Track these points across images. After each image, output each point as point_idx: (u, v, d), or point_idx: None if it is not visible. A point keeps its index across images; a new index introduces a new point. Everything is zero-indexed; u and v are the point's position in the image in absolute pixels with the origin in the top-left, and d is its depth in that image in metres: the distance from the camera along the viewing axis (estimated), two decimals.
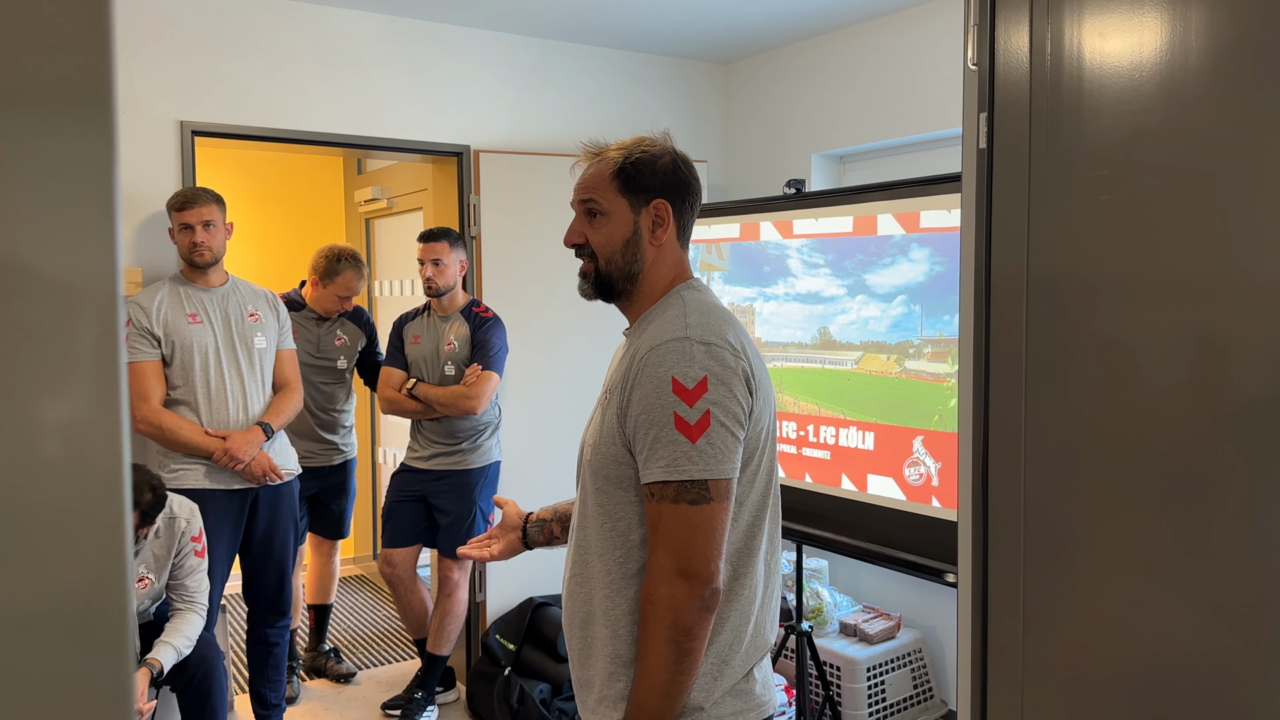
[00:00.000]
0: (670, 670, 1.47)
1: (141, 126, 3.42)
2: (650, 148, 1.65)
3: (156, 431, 3.17)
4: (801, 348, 3.23)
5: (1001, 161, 1.08)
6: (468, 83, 4.04)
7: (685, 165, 1.66)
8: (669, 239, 1.64)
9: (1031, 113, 1.05)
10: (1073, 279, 1.04)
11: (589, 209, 1.64)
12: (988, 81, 1.08)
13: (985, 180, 1.09)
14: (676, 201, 1.63)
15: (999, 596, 1.08)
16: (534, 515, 1.90)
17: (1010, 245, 1.07)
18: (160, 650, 2.85)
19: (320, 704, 3.99)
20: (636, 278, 1.63)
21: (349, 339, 4.05)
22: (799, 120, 4.31)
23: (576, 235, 1.66)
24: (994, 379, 1.09)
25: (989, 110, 1.08)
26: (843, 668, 3.63)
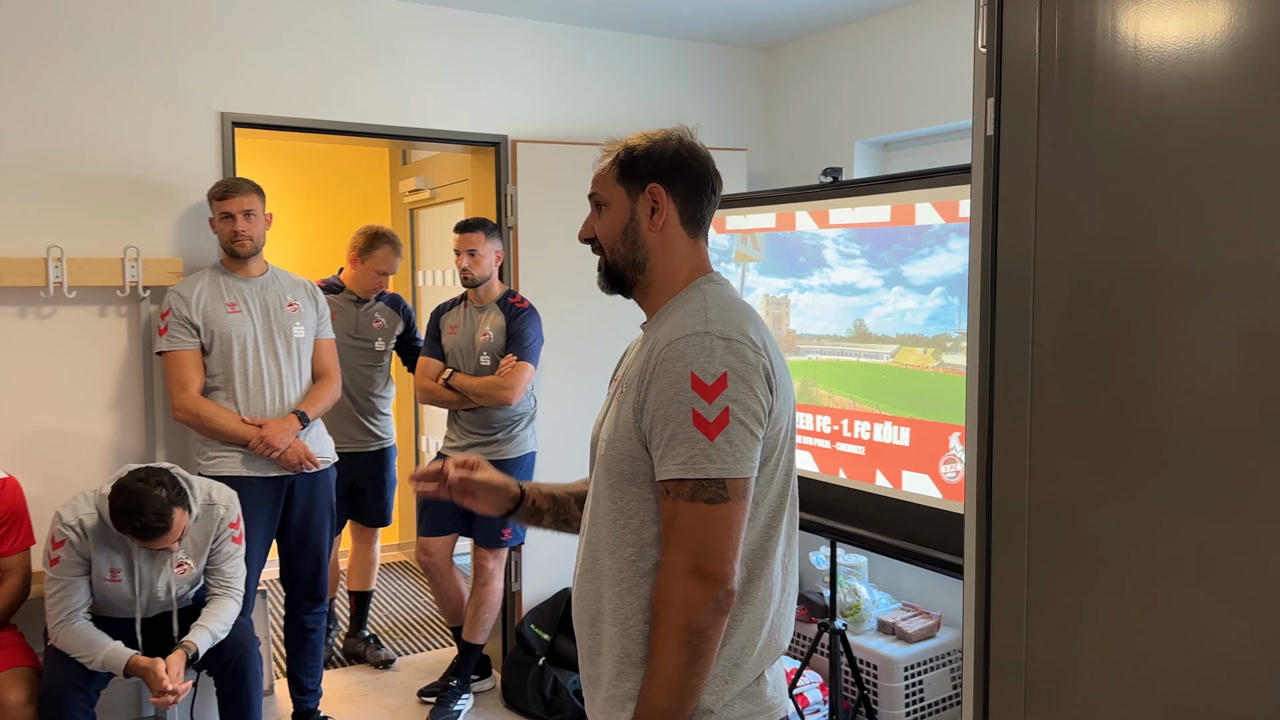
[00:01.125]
0: (682, 672, 1.43)
1: (182, 118, 3.46)
2: (655, 136, 1.62)
3: (194, 420, 3.22)
4: (836, 340, 3.17)
5: (1009, 148, 1.03)
6: (506, 72, 4.03)
7: (689, 151, 1.62)
8: (672, 227, 1.60)
9: (1040, 98, 1.00)
10: (1083, 270, 0.99)
11: (595, 202, 1.64)
12: (995, 65, 1.03)
13: (993, 168, 1.05)
14: (674, 186, 1.59)
15: (1001, 598, 1.04)
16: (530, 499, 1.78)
17: (1017, 235, 1.02)
18: (196, 634, 2.90)
19: (358, 689, 4.03)
20: (643, 266, 1.61)
21: (386, 322, 4.10)
22: (842, 107, 4.23)
23: (587, 229, 1.66)
24: (999, 375, 1.04)
25: (996, 95, 1.03)
26: (880, 666, 3.57)
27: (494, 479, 1.73)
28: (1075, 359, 1.01)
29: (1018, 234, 1.02)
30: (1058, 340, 1.02)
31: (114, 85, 3.35)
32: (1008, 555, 1.05)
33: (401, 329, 4.17)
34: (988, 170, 1.05)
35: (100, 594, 2.89)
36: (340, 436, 3.88)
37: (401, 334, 4.17)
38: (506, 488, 1.74)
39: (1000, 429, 1.05)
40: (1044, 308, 1.02)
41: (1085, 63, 0.97)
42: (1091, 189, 0.98)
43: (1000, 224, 1.03)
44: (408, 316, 4.21)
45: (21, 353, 3.26)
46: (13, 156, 3.22)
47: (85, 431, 3.37)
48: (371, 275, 4.02)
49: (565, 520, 1.81)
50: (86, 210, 3.33)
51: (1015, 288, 1.03)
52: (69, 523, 2.81)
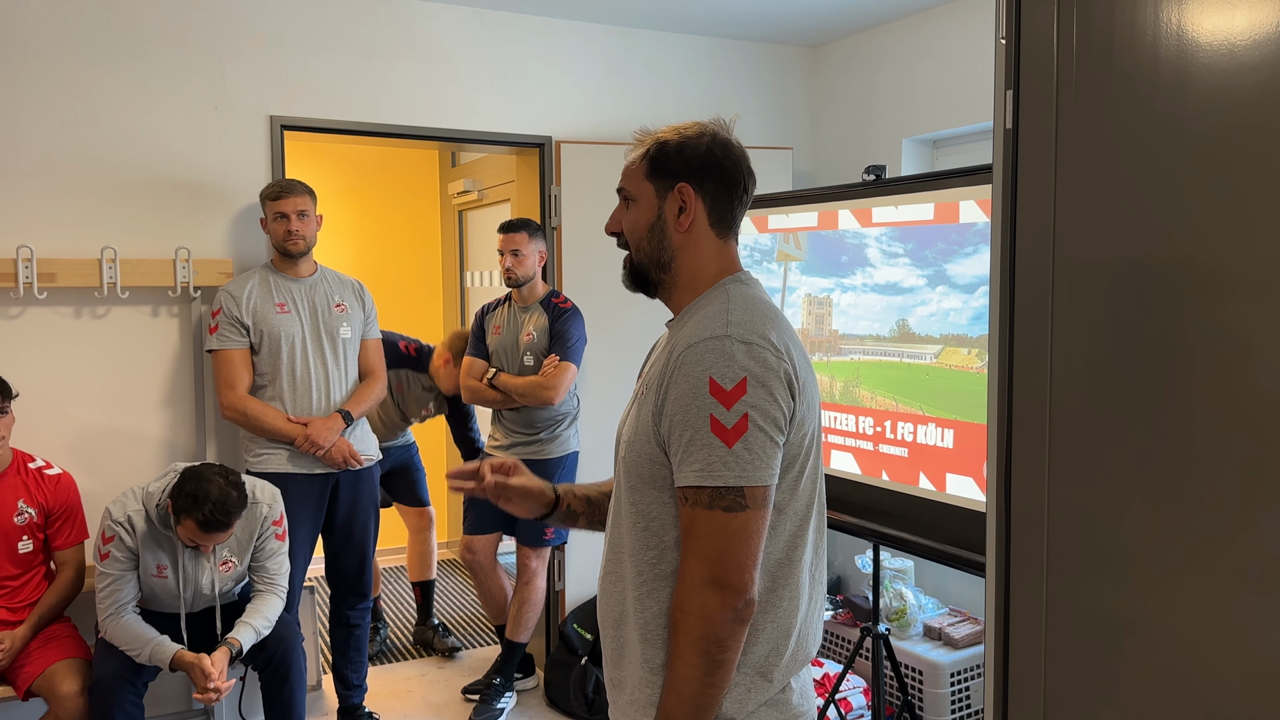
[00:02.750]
0: (700, 682, 1.40)
1: (232, 121, 3.53)
2: (688, 131, 1.58)
3: (242, 418, 3.28)
4: (879, 340, 3.12)
5: (1028, 142, 0.99)
6: (550, 73, 4.04)
7: (721, 149, 1.57)
8: (699, 226, 1.56)
9: (1058, 89, 0.96)
10: (1103, 268, 0.95)
11: (623, 196, 1.61)
12: (1014, 57, 1.00)
13: (1011, 161, 1.01)
14: (704, 185, 1.55)
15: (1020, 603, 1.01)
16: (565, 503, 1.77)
17: (1036, 231, 0.99)
18: (240, 630, 2.95)
19: (404, 685, 4.07)
20: (669, 266, 1.58)
21: (435, 409, 4.28)
22: (890, 104, 4.17)
23: (614, 223, 1.63)
24: (1017, 374, 1.01)
25: (1015, 87, 1.00)
26: (925, 672, 3.50)
27: (529, 484, 1.72)
28: (1098, 358, 0.97)
29: (1036, 229, 0.99)
30: (1079, 339, 0.98)
31: (166, 90, 3.43)
32: (1026, 561, 1.01)
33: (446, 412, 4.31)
34: (1006, 164, 1.02)
35: (147, 589, 2.96)
36: None
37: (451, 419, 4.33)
38: (542, 492, 1.73)
39: (1019, 430, 1.01)
40: (1063, 306, 0.98)
41: (1104, 52, 0.94)
42: (1112, 182, 0.94)
43: (1019, 219, 1.00)
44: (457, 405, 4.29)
45: (77, 352, 3.35)
46: (68, 160, 3.31)
47: (137, 429, 3.45)
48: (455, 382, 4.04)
49: (600, 521, 1.78)
50: (139, 212, 3.41)
51: (1034, 284, 0.99)
52: (118, 519, 2.88)
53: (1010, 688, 1.03)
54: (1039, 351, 1.00)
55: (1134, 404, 0.95)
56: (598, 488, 1.80)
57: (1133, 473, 0.96)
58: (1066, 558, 1.01)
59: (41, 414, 3.27)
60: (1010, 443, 1.02)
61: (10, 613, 2.97)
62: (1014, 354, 1.02)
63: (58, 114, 3.29)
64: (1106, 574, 0.98)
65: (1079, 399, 0.98)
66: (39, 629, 2.98)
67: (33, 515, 3.01)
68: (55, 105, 3.28)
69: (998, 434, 1.06)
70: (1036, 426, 1.00)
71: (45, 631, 2.99)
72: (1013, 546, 1.02)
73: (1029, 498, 1.02)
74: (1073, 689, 1.01)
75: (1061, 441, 0.99)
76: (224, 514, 2.78)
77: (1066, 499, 1.00)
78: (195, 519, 2.76)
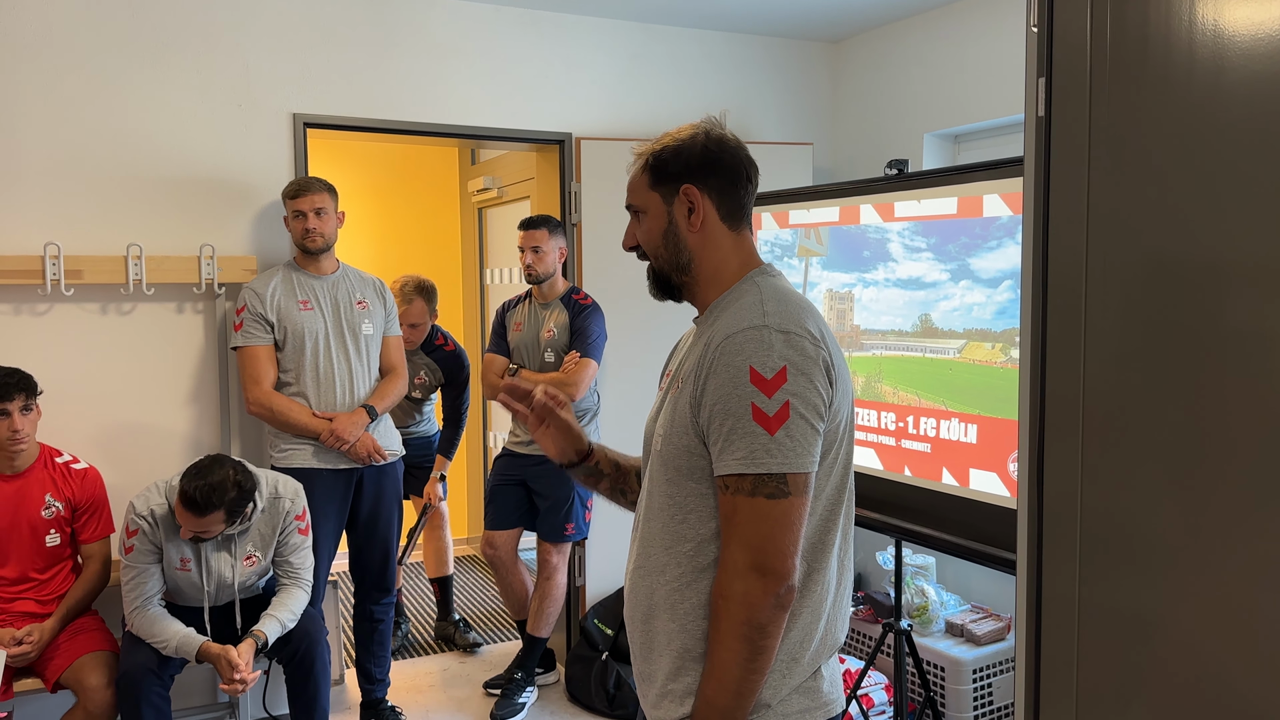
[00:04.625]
0: (743, 668, 1.43)
1: (257, 119, 3.55)
2: (679, 135, 1.60)
3: (267, 413, 3.30)
4: (901, 335, 3.11)
5: (1060, 131, 0.99)
6: (570, 70, 4.05)
7: (717, 145, 1.59)
8: (711, 223, 1.58)
9: (1091, 77, 0.96)
10: (1136, 259, 0.94)
11: (633, 211, 1.64)
12: (1046, 43, 1.00)
13: (1043, 152, 1.01)
14: (708, 182, 1.57)
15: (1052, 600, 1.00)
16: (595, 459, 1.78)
17: (1069, 222, 0.99)
18: (265, 623, 2.97)
19: (425, 680, 4.09)
20: (688, 267, 1.60)
21: (430, 379, 4.24)
22: (911, 99, 4.15)
23: (629, 238, 1.66)
24: (1050, 369, 1.00)
25: (1047, 75, 1.00)
26: (947, 669, 3.49)
27: (572, 423, 1.76)
28: (1132, 352, 0.97)
29: (1069, 219, 0.98)
30: (1113, 333, 0.98)
31: (191, 88, 3.46)
32: (1059, 557, 1.01)
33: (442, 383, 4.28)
34: (1039, 154, 1.02)
35: (172, 582, 2.98)
36: None
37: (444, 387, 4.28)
38: (579, 437, 1.77)
39: (1051, 426, 1.01)
40: (1097, 299, 0.98)
41: (1138, 38, 0.93)
42: (1146, 172, 0.94)
43: (1051, 210, 1.00)
44: (453, 376, 4.27)
45: (103, 348, 3.38)
46: (95, 158, 3.34)
47: (163, 424, 3.48)
48: (404, 328, 4.02)
49: (621, 490, 1.80)
50: (164, 210, 3.44)
51: (1066, 275, 0.99)
52: (141, 512, 2.90)
53: (1042, 685, 1.03)
54: (1072, 345, 0.99)
55: (1168, 401, 0.95)
56: (628, 459, 1.83)
57: (1165, 469, 0.96)
58: (1099, 554, 1.00)
59: (68, 409, 3.31)
60: (1042, 439, 1.02)
61: (39, 605, 3.00)
62: (1046, 347, 1.01)
63: (84, 112, 3.32)
64: (1139, 571, 0.98)
65: (1112, 394, 0.98)
66: (67, 622, 3.01)
67: (60, 509, 3.04)
68: (82, 104, 3.31)
69: (1029, 430, 1.05)
70: (1069, 423, 1.00)
71: (73, 624, 3.02)
72: (1044, 543, 1.02)
73: (1061, 494, 1.01)
74: (1105, 686, 1.01)
75: (1094, 438, 0.98)
76: (208, 495, 2.74)
77: (1099, 495, 0.99)
78: (183, 488, 2.77)
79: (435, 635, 4.55)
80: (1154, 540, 0.97)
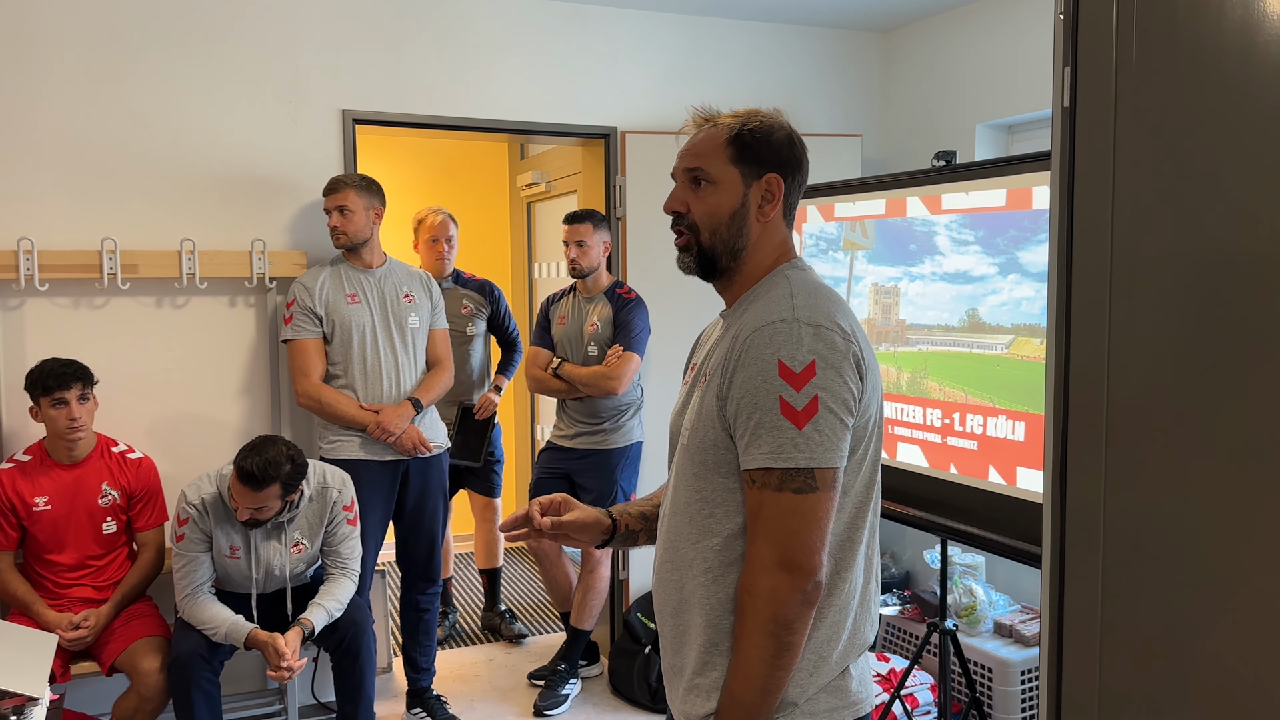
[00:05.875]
0: (768, 664, 1.42)
1: (306, 116, 3.61)
2: (766, 119, 1.57)
3: (316, 405, 3.35)
4: (948, 330, 3.05)
5: (1086, 122, 0.96)
6: (616, 63, 4.04)
7: (800, 143, 1.59)
8: (776, 217, 1.57)
9: (1117, 66, 0.92)
10: (1161, 254, 0.91)
11: (695, 176, 1.56)
12: (1071, 31, 0.96)
13: (1068, 144, 0.98)
14: (788, 178, 1.56)
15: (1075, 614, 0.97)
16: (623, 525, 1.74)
17: (1094, 216, 0.95)
18: (313, 611, 3.03)
19: (471, 669, 4.13)
20: (740, 254, 1.56)
21: (474, 306, 4.21)
22: (963, 89, 4.07)
23: (679, 203, 1.57)
24: (1074, 368, 0.97)
25: (1073, 64, 0.96)
26: (995, 669, 3.43)
27: (583, 517, 1.70)
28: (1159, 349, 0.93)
29: (1094, 214, 0.95)
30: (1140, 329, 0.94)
31: (242, 86, 3.52)
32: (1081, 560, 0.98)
33: (489, 312, 4.26)
34: (1064, 144, 0.99)
35: (222, 569, 3.05)
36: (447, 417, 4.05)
37: (490, 317, 4.27)
38: (598, 521, 1.71)
39: (1075, 426, 0.98)
40: (1122, 295, 0.95)
41: (1166, 24, 0.90)
42: (1174, 163, 0.90)
43: (1076, 202, 0.96)
44: (495, 302, 4.29)
45: (158, 340, 3.46)
46: (149, 154, 3.42)
47: (215, 415, 3.55)
48: (426, 244, 4.12)
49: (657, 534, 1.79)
50: (216, 205, 3.51)
51: (1091, 272, 0.96)
52: (192, 501, 2.97)
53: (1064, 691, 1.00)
54: (1096, 341, 0.96)
55: (1197, 400, 0.91)
56: (650, 501, 1.79)
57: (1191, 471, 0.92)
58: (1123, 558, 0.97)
59: (124, 400, 3.39)
60: (1066, 439, 0.99)
61: (95, 591, 3.09)
62: (1070, 345, 0.98)
63: (139, 110, 3.40)
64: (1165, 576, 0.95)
65: (1138, 394, 0.95)
66: (122, 607, 3.09)
67: (115, 498, 3.12)
68: (136, 102, 3.39)
69: (1054, 429, 1.02)
70: (1093, 423, 0.97)
71: (128, 610, 3.11)
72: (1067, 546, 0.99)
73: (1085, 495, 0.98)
74: (1129, 693, 0.97)
75: (1119, 439, 0.95)
76: (264, 468, 2.81)
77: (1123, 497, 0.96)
78: (239, 465, 2.84)
79: (482, 625, 4.60)
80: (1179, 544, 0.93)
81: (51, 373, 2.97)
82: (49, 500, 3.03)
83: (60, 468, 3.07)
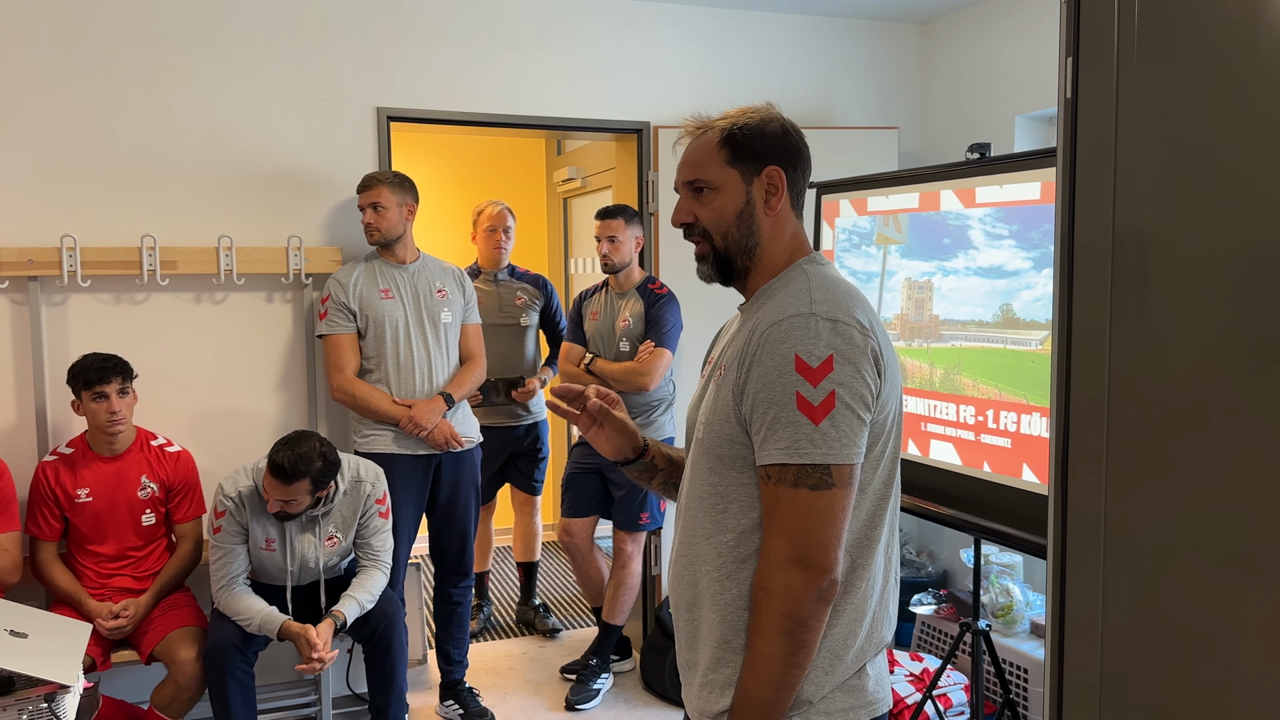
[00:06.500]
0: (783, 662, 1.41)
1: (342, 113, 3.64)
2: (756, 114, 1.57)
3: (350, 399, 3.39)
4: (982, 326, 3.00)
5: (1087, 112, 0.93)
6: (650, 58, 4.03)
7: (795, 131, 1.58)
8: (784, 209, 1.56)
9: (1119, 55, 0.90)
10: (1163, 248, 0.88)
11: (696, 187, 1.57)
12: (1073, 20, 0.94)
13: (1070, 133, 0.95)
14: (789, 168, 1.55)
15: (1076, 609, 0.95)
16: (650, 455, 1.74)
17: (1095, 207, 0.93)
18: (345, 603, 3.06)
19: (505, 662, 4.16)
20: (754, 252, 1.56)
21: (529, 299, 4.23)
22: (1003, 80, 4.00)
23: (685, 214, 1.58)
24: (1075, 359, 0.95)
25: (1074, 54, 0.94)
26: (1030, 670, 3.38)
27: (627, 421, 1.72)
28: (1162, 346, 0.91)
29: (1096, 205, 0.93)
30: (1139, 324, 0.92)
31: (278, 84, 3.57)
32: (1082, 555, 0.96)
33: (541, 305, 4.27)
34: (1066, 136, 0.96)
35: (257, 561, 3.10)
36: (494, 412, 4.09)
37: (542, 310, 4.29)
38: (634, 434, 1.72)
39: (1076, 419, 0.96)
40: (1123, 288, 0.92)
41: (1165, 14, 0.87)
42: (1173, 154, 0.88)
43: (1078, 194, 0.94)
44: (548, 296, 4.31)
45: (197, 336, 3.53)
46: (187, 153, 3.48)
47: (253, 409, 3.61)
48: (484, 234, 4.16)
49: (674, 485, 1.78)
50: (253, 202, 3.57)
51: (1092, 266, 0.93)
52: (229, 494, 3.02)
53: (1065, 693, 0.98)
54: (1098, 335, 0.94)
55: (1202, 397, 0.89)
56: (681, 453, 1.79)
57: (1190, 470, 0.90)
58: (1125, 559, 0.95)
59: (163, 394, 3.46)
60: (1067, 431, 0.97)
61: (135, 581, 3.16)
62: (1072, 339, 0.96)
63: (177, 108, 3.46)
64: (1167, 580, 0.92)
65: (1139, 390, 0.92)
66: (160, 597, 3.15)
67: (155, 490, 3.18)
68: (175, 100, 3.45)
69: (1057, 427, 1.00)
70: (1094, 420, 0.94)
71: (166, 600, 3.17)
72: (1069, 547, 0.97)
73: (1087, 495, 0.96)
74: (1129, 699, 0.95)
75: (1119, 436, 0.93)
76: (296, 463, 2.85)
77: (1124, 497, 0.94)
78: (271, 459, 2.88)
79: (516, 619, 4.62)
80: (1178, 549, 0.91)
81: (92, 367, 3.04)
82: (90, 492, 3.10)
83: (101, 460, 3.14)
